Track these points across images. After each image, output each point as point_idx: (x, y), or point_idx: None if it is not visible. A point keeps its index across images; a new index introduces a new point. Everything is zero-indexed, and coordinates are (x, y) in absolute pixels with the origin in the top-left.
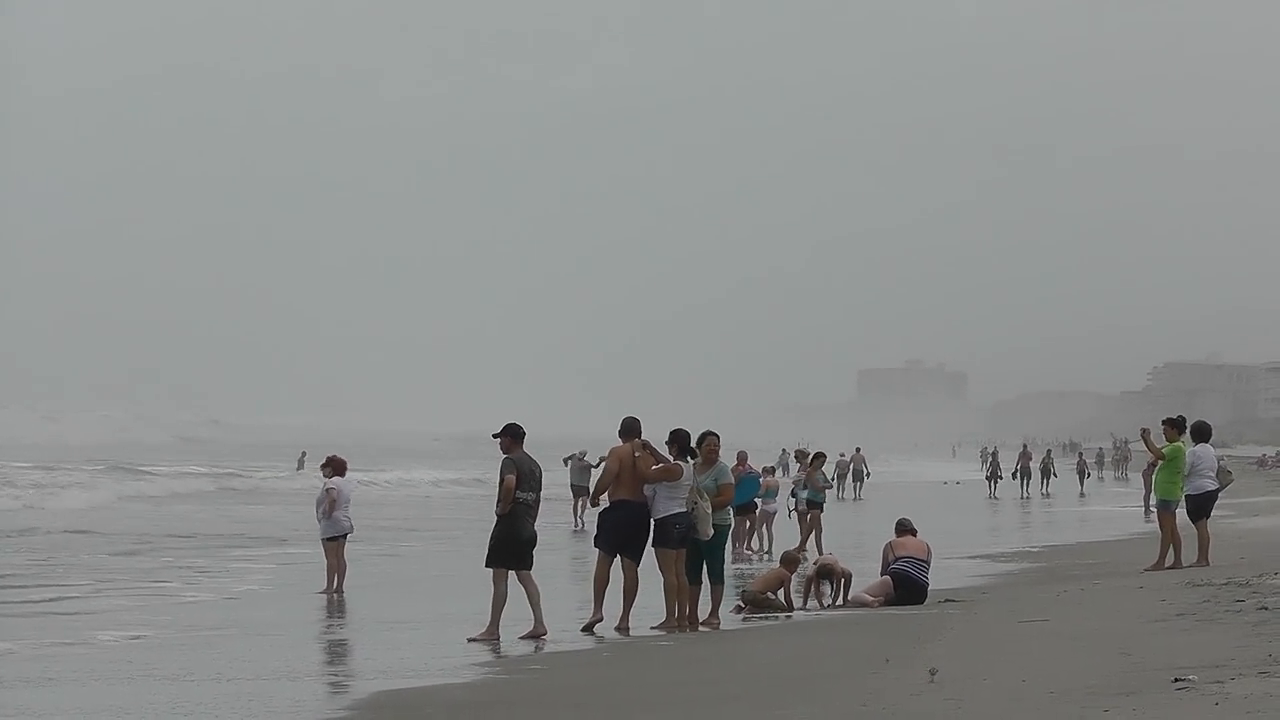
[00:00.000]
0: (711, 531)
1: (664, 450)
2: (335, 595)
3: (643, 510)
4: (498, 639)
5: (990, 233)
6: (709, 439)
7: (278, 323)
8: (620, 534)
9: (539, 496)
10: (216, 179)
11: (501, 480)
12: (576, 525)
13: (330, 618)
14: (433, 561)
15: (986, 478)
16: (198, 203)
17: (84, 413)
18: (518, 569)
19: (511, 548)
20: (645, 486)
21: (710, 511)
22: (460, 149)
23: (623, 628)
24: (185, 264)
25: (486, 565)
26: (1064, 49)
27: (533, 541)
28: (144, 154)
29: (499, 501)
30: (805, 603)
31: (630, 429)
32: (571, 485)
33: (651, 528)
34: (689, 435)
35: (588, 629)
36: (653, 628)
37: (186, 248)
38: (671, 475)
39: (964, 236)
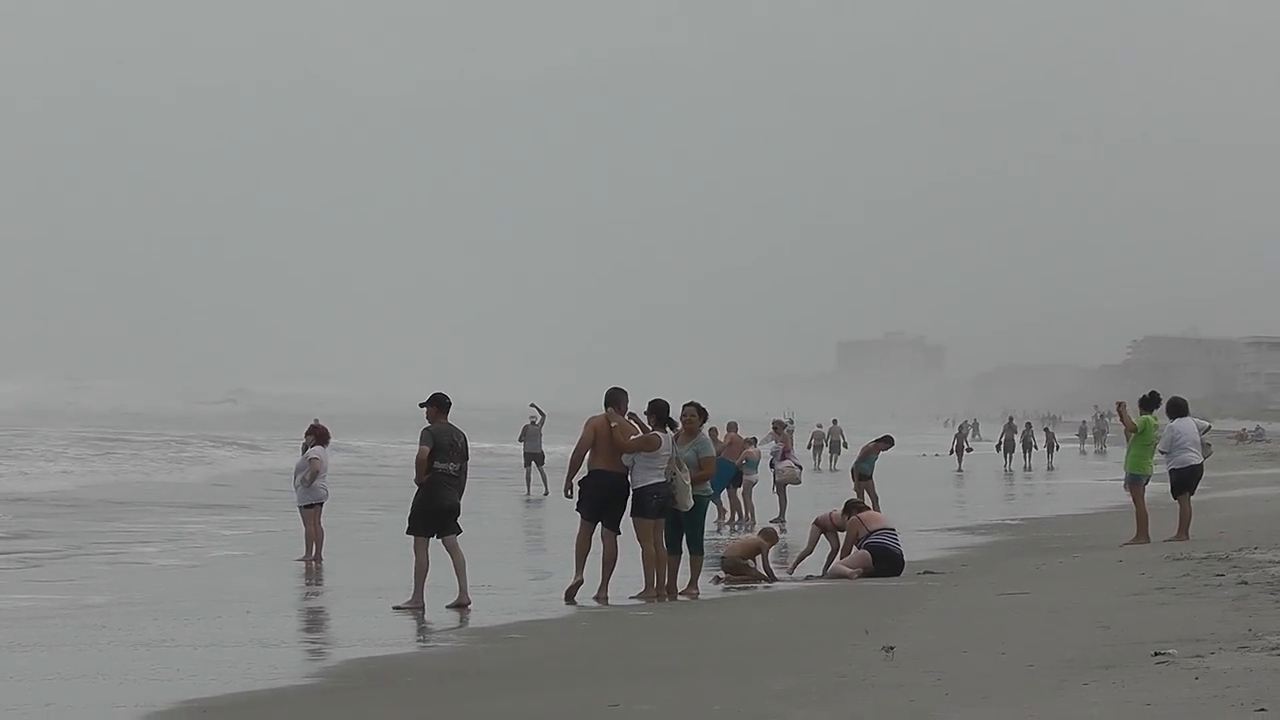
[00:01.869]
0: (690, 503)
1: (644, 421)
2: (314, 563)
3: (619, 480)
4: (422, 607)
5: (969, 206)
6: (686, 410)
7: (273, 294)
8: (595, 502)
9: (463, 466)
10: (213, 153)
11: (418, 451)
12: (527, 493)
13: (308, 585)
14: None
15: (951, 451)
16: (197, 177)
17: (105, 381)
18: (440, 536)
19: (428, 516)
20: (624, 456)
21: (689, 483)
22: (456, 125)
23: (601, 597)
24: (185, 235)
25: (407, 533)
26: (1046, 30)
27: (453, 510)
28: (135, 128)
29: (416, 472)
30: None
31: (613, 399)
32: (524, 451)
33: (630, 497)
34: (668, 405)
35: (569, 594)
36: (632, 597)
37: (188, 221)
38: (650, 445)
39: (943, 210)
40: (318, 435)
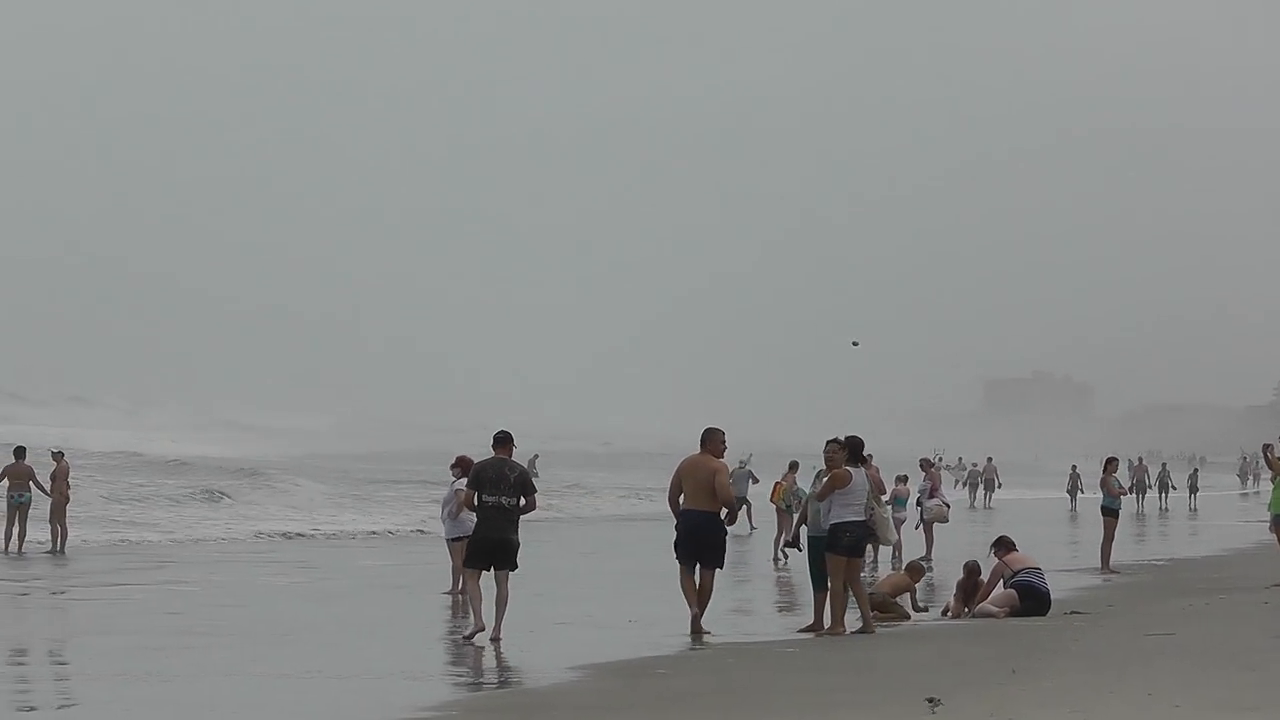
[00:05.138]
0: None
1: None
2: (460, 596)
3: (708, 518)
4: (483, 628)
5: (1121, 246)
6: (829, 446)
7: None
8: (687, 544)
9: (516, 501)
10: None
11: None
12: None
13: (454, 618)
14: (565, 564)
15: (1067, 491)
16: (324, 188)
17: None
18: (494, 569)
19: (474, 549)
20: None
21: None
22: (591, 154)
23: (697, 630)
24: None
25: (463, 565)
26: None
27: (500, 544)
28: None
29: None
30: (965, 608)
31: (706, 439)
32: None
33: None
34: (863, 442)
35: (693, 626)
36: (813, 633)
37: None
38: (839, 483)
39: (1095, 248)
40: (464, 468)
